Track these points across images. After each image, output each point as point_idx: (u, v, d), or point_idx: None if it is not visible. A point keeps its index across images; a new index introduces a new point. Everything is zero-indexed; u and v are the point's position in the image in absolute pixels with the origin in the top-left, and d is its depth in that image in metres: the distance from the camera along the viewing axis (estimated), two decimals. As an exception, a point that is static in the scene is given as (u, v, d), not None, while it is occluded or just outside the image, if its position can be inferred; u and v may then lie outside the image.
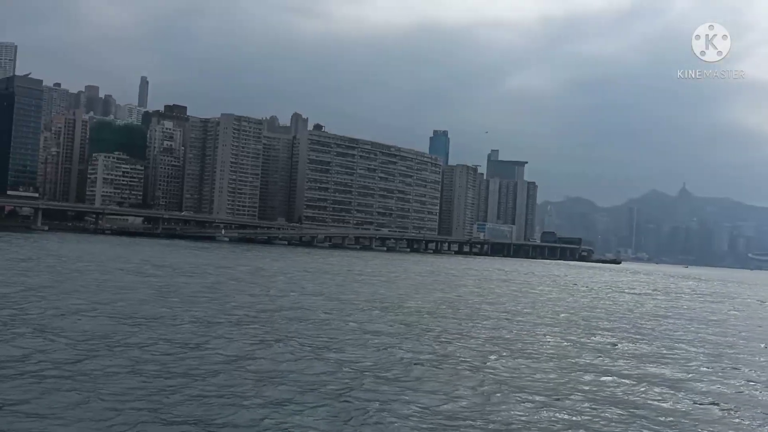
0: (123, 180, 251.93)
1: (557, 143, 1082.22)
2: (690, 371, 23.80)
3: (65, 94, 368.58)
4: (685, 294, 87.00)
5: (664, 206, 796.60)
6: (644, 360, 25.59)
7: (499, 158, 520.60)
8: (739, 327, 44.22)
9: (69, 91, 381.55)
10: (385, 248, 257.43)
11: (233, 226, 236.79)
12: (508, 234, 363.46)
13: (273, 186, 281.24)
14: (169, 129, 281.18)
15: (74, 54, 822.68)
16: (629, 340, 31.56)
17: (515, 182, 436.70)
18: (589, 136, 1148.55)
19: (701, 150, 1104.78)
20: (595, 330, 34.81)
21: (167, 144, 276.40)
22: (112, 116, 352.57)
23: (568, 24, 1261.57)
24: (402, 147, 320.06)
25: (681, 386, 20.75)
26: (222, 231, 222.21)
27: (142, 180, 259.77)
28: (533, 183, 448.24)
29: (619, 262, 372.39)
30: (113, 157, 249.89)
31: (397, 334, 27.57)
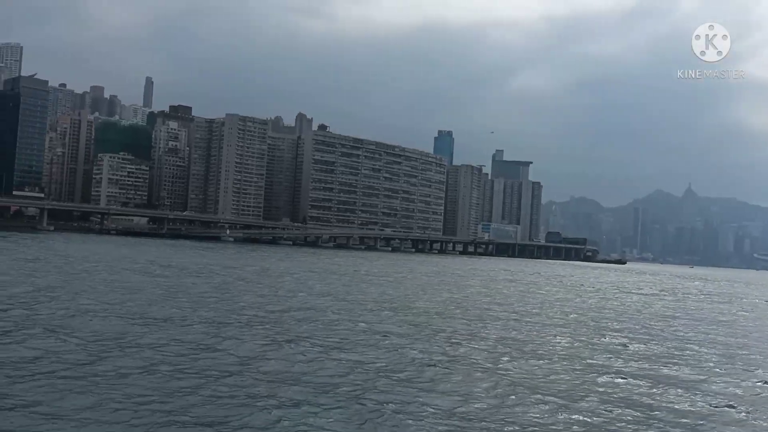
0: (128, 180, 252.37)
1: (562, 143, 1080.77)
2: (703, 372, 23.66)
3: (70, 95, 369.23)
4: (692, 294, 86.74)
5: (669, 206, 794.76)
6: (656, 361, 25.44)
7: (504, 158, 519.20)
8: (749, 328, 44.05)
9: (74, 92, 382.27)
10: (390, 248, 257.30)
11: (238, 226, 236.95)
12: (513, 234, 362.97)
13: (278, 186, 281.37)
14: (174, 129, 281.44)
15: (79, 54, 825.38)
16: (640, 341, 31.42)
17: (520, 182, 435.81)
18: (594, 136, 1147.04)
19: (706, 150, 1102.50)
20: (605, 331, 34.67)
21: (172, 144, 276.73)
22: (117, 116, 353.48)
23: (573, 24, 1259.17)
24: (406, 147, 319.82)
25: (696, 388, 20.62)
26: (227, 231, 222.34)
27: (147, 180, 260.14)
28: (538, 183, 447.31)
29: (625, 263, 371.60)
30: (118, 158, 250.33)
31: (408, 335, 27.48)
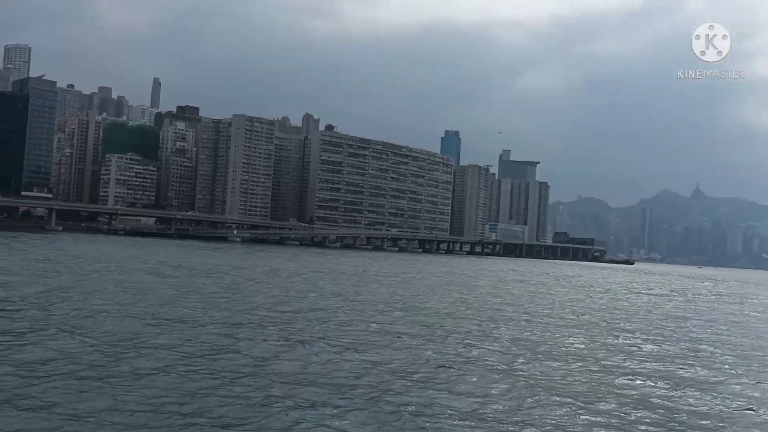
0: (136, 181, 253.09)
1: (569, 143, 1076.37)
2: (720, 374, 23.49)
3: (78, 96, 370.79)
4: (702, 295, 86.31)
5: (677, 206, 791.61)
6: (672, 362, 25.28)
7: (511, 158, 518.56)
8: (762, 329, 43.83)
9: (82, 93, 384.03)
10: (397, 248, 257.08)
11: (245, 227, 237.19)
12: (520, 234, 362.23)
13: (285, 186, 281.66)
14: (182, 130, 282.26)
15: (87, 55, 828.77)
16: (653, 342, 31.24)
17: (527, 182, 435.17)
18: (601, 136, 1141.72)
19: (714, 150, 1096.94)
20: (618, 332, 34.50)
21: (179, 145, 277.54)
22: (125, 117, 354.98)
23: (579, 24, 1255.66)
24: (413, 147, 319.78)
25: (714, 389, 20.47)
26: (234, 231, 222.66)
27: (155, 181, 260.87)
28: (545, 183, 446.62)
29: (632, 263, 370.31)
30: (126, 158, 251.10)
31: (421, 336, 27.38)
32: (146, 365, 18.41)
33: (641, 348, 28.81)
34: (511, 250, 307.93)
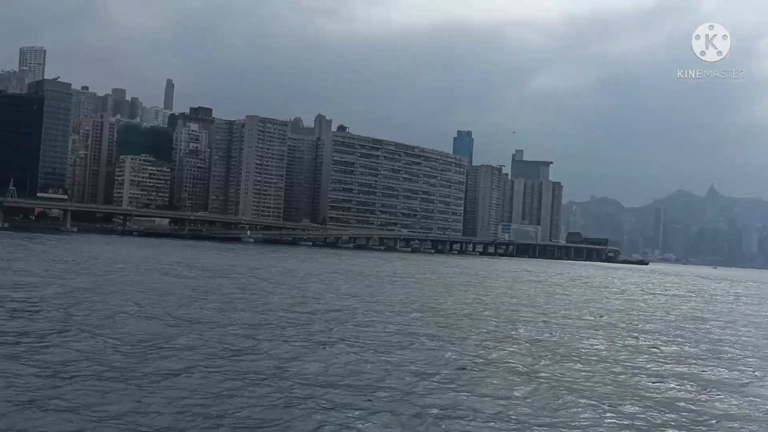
0: (149, 182, 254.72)
1: (582, 143, 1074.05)
2: (744, 376, 23.15)
3: (93, 97, 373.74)
4: (719, 296, 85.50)
5: (692, 206, 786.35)
6: (695, 364, 24.95)
7: (524, 158, 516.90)
8: (784, 330, 43.19)
9: (96, 94, 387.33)
10: (410, 249, 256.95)
11: (258, 227, 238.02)
12: (533, 235, 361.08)
13: (297, 187, 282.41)
14: (195, 131, 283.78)
15: (101, 57, 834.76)
16: (674, 343, 30.88)
17: (540, 182, 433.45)
18: (615, 136, 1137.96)
19: (729, 150, 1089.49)
20: (638, 333, 34.17)
21: (193, 146, 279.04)
22: (139, 119, 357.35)
23: (593, 24, 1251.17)
24: (426, 147, 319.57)
25: (739, 391, 20.16)
26: (247, 232, 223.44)
27: (169, 182, 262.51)
28: (558, 183, 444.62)
29: (647, 263, 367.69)
30: (140, 159, 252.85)
31: (439, 337, 27.21)
32: (168, 366, 18.39)
33: (662, 349, 28.47)
34: (524, 251, 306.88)
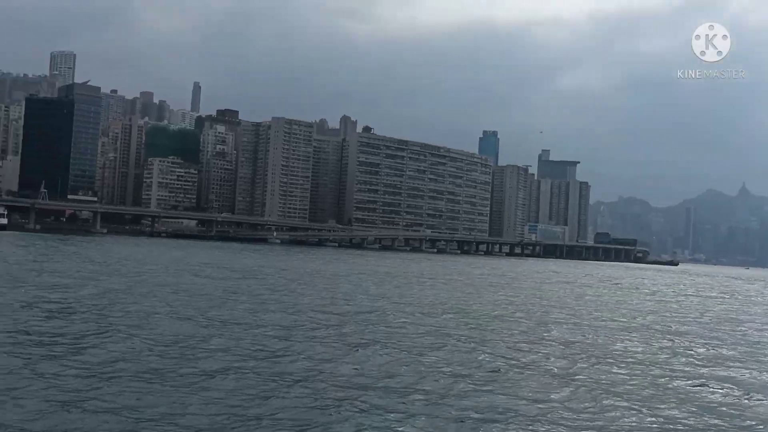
0: (177, 184, 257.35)
1: (609, 142, 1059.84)
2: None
3: (121, 101, 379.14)
4: (753, 297, 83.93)
5: (722, 206, 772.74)
6: (733, 366, 24.47)
7: (550, 158, 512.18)
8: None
9: (125, 98, 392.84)
10: (435, 250, 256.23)
11: (284, 228, 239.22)
12: (561, 235, 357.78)
13: (323, 188, 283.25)
14: (222, 133, 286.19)
15: (129, 61, 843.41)
16: (711, 346, 30.34)
17: (567, 182, 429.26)
18: (642, 135, 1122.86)
19: (760, 149, 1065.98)
20: (673, 335, 33.65)
21: (220, 148, 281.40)
22: (166, 121, 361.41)
23: (620, 22, 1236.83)
24: (451, 148, 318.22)
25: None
26: (274, 233, 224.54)
27: (196, 183, 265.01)
28: (586, 183, 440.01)
29: (677, 264, 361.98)
30: (168, 162, 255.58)
31: (473, 339, 27.04)
32: (204, 367, 18.48)
33: (699, 352, 28.00)
34: (552, 251, 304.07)
